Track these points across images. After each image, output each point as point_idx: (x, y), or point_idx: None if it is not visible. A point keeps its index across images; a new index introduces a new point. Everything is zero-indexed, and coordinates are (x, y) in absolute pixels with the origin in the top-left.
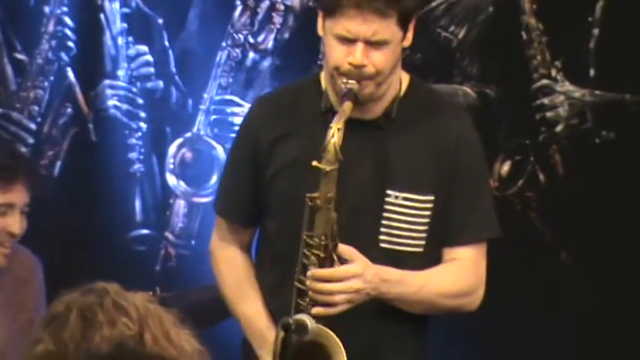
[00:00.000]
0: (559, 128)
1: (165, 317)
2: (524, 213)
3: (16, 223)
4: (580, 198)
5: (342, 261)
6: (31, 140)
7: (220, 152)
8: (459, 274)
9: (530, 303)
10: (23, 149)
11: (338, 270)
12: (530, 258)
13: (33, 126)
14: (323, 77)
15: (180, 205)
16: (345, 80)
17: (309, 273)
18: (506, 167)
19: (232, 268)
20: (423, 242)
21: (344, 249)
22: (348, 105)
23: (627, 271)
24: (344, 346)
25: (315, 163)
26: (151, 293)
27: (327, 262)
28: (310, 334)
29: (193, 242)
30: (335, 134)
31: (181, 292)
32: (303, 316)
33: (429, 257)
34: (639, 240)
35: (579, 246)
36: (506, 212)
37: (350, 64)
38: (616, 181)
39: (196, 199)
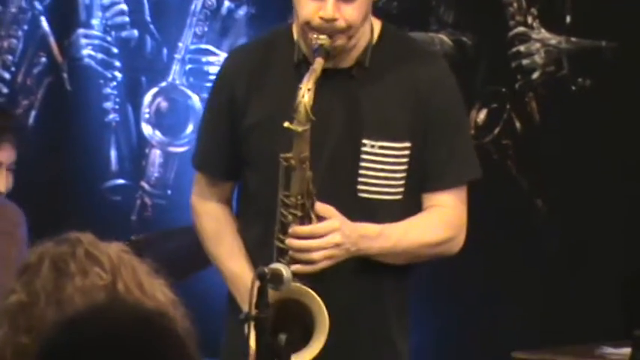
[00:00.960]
0: (535, 76)
1: (138, 267)
2: (500, 161)
3: (2, 181)
4: (556, 145)
5: (320, 219)
6: (5, 90)
7: (196, 101)
8: (439, 222)
9: (505, 250)
10: None
11: (316, 226)
12: (506, 205)
13: (7, 75)
14: (295, 29)
15: (155, 155)
16: (316, 35)
17: (289, 230)
18: (482, 115)
19: (214, 222)
20: (401, 190)
21: (321, 207)
22: (319, 62)
23: (602, 219)
24: (325, 304)
25: (286, 124)
26: (127, 243)
27: (305, 220)
28: (286, 284)
29: (170, 192)
30: (305, 94)
31: (156, 235)
32: (278, 265)
33: (409, 205)
34: (614, 187)
35: (555, 193)
36: (483, 160)
37: (321, 18)
38: (592, 128)
39: (172, 149)
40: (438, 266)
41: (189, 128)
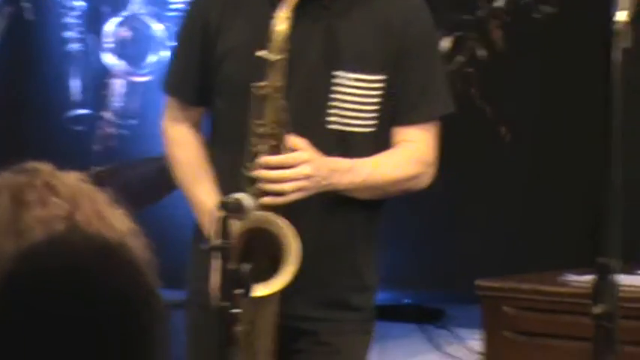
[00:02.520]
0: (499, 3)
1: (98, 197)
2: (464, 89)
3: None
4: (520, 73)
5: (291, 151)
6: None
7: (158, 30)
8: (409, 158)
9: (469, 177)
10: None
11: (287, 156)
12: (471, 134)
13: None
14: None
15: (118, 85)
16: None
17: (259, 160)
18: (446, 43)
19: (184, 147)
20: (373, 122)
21: (292, 139)
22: None
23: (566, 145)
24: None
25: (260, 52)
26: (88, 172)
27: (277, 150)
28: (247, 213)
29: (133, 122)
30: (281, 23)
31: (120, 165)
32: (241, 195)
33: (380, 138)
34: (578, 113)
35: (519, 121)
36: None
37: None
38: (555, 55)
39: (135, 78)
40: (402, 195)
41: (152, 58)
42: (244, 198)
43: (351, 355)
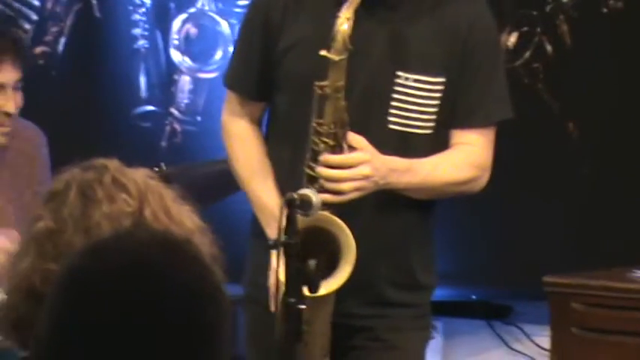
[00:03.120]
0: None
1: (165, 193)
2: (531, 85)
3: (9, 102)
4: (587, 69)
5: (351, 150)
6: (34, 17)
7: (224, 27)
8: (466, 161)
9: (537, 174)
10: (27, 26)
11: (347, 156)
12: (537, 130)
13: (36, 2)
14: None
15: (185, 82)
16: None
17: (320, 158)
18: (513, 39)
19: (243, 143)
20: (432, 124)
21: (353, 138)
22: None
23: (634, 142)
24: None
25: (323, 52)
26: (155, 169)
27: (336, 150)
28: (315, 209)
29: (199, 118)
30: (344, 23)
31: (187, 166)
32: (307, 191)
33: (438, 140)
34: None
35: (586, 117)
36: (513, 84)
37: None
38: (623, 51)
39: (201, 75)
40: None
41: (218, 54)
42: (312, 194)
43: (408, 351)
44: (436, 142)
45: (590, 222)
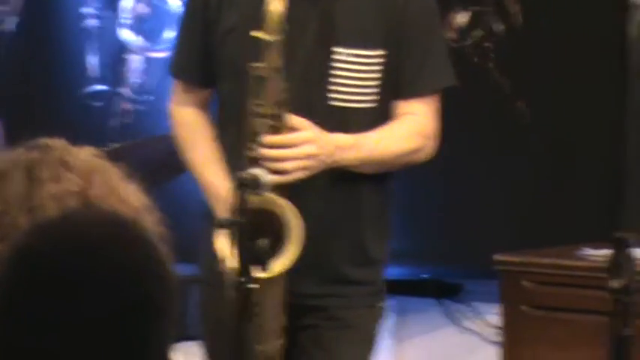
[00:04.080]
0: None
1: (111, 172)
2: (481, 63)
3: None
4: (538, 47)
5: (292, 131)
6: None
7: (175, 6)
8: (411, 131)
9: (488, 152)
10: None
11: (290, 136)
12: (488, 108)
13: None
14: None
15: (135, 61)
16: None
17: (262, 140)
18: (463, 18)
19: (190, 129)
20: (374, 98)
21: (295, 119)
22: None
23: (585, 120)
24: (299, 211)
25: (254, 32)
26: (104, 149)
27: (278, 130)
28: (264, 188)
29: (151, 98)
30: (274, 2)
31: (132, 143)
32: (257, 171)
33: (381, 113)
34: (598, 88)
35: (536, 95)
36: (464, 63)
37: None
38: (574, 30)
39: (152, 54)
40: (418, 170)
41: (170, 34)
42: (261, 174)
43: (362, 329)
44: (379, 117)
45: (539, 200)
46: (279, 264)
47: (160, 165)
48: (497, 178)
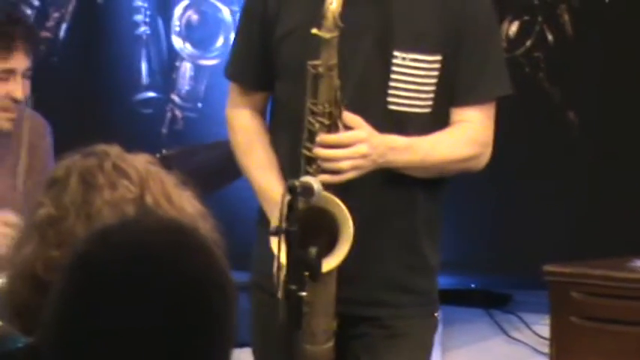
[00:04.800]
0: None
1: (166, 179)
2: (532, 74)
3: (18, 89)
4: (588, 58)
5: (348, 129)
6: (36, 2)
7: (226, 14)
8: (466, 138)
9: (538, 162)
10: (28, 12)
11: (343, 135)
12: (538, 118)
13: None
14: None
15: (186, 68)
16: None
17: (316, 139)
18: (514, 28)
19: (247, 134)
20: (430, 103)
21: (349, 116)
22: None
23: (636, 131)
24: (352, 214)
25: (314, 30)
26: (157, 155)
27: (332, 129)
28: (316, 196)
29: (200, 105)
30: (333, 1)
31: (187, 150)
32: (309, 179)
33: (437, 119)
34: None
35: (587, 106)
36: (514, 73)
37: None
38: (624, 40)
39: (202, 62)
40: (468, 178)
41: (219, 41)
42: (313, 181)
43: (417, 338)
44: (435, 121)
45: (590, 211)
46: (331, 261)
47: (213, 172)
48: (547, 189)
